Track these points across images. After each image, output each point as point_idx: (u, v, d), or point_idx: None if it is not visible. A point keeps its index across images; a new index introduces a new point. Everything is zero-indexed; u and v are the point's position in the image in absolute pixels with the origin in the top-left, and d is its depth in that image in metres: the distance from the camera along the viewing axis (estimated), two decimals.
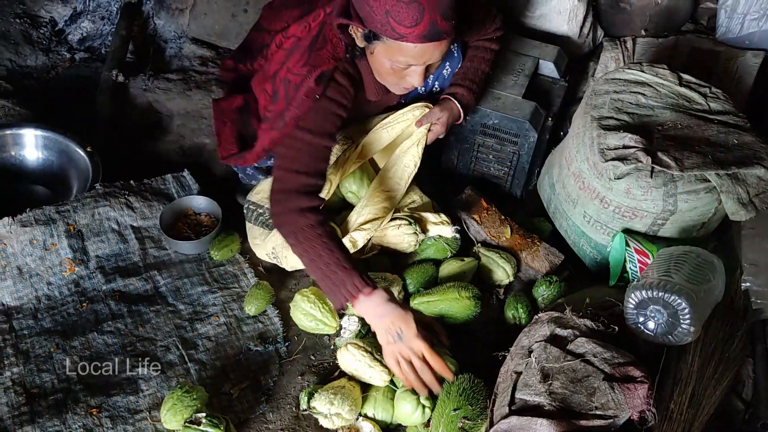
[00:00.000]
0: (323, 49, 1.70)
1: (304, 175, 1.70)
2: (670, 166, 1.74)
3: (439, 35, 1.55)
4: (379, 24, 1.55)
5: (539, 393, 1.43)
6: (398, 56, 1.61)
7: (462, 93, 1.96)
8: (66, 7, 2.93)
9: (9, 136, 2.24)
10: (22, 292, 1.91)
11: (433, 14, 1.50)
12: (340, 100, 1.74)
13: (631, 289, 1.53)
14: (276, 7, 2.00)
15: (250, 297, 1.93)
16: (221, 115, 2.01)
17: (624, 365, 1.43)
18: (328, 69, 1.70)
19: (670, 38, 2.51)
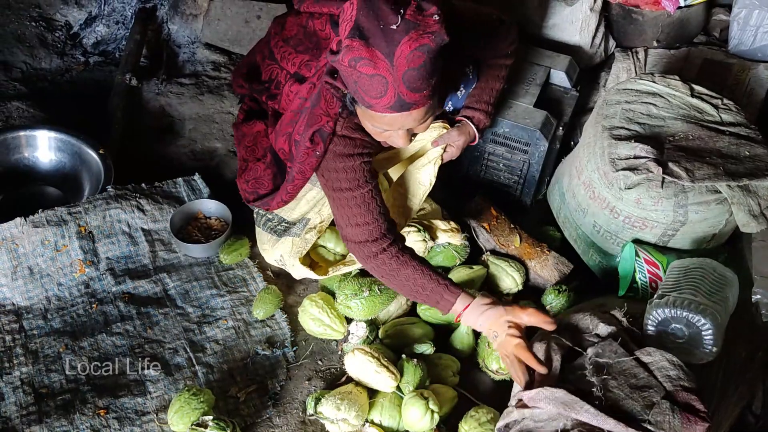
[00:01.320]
0: (317, 106, 1.70)
1: (365, 225, 1.71)
2: (681, 176, 1.74)
3: (408, 106, 1.51)
4: (352, 91, 1.55)
5: (592, 384, 1.41)
6: (372, 122, 1.60)
7: (478, 117, 1.94)
8: (81, 11, 2.96)
9: (23, 138, 2.26)
10: (32, 292, 1.92)
11: (397, 87, 1.46)
12: (350, 151, 1.72)
13: (653, 306, 1.52)
14: (288, 41, 1.92)
15: (258, 301, 1.93)
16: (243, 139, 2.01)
17: (688, 391, 1.39)
18: (320, 126, 1.69)
19: (683, 49, 2.50)
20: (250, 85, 2.03)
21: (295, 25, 1.92)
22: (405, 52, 1.43)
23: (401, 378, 1.73)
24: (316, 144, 1.70)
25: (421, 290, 1.69)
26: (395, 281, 1.71)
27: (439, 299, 1.68)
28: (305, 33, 1.87)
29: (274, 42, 1.96)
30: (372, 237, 1.71)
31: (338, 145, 1.71)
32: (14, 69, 2.70)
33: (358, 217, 1.72)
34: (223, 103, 2.66)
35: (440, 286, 1.68)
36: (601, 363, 1.46)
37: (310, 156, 1.72)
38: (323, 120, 1.70)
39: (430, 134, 1.95)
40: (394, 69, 1.44)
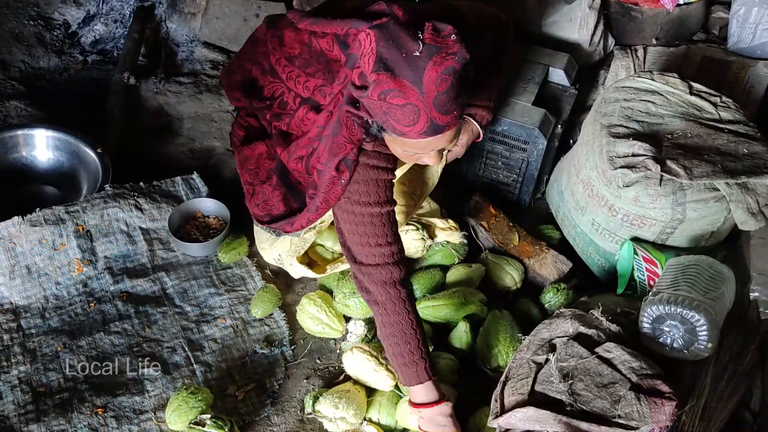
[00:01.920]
0: (339, 134, 1.67)
1: (386, 245, 1.67)
2: (679, 174, 1.73)
3: (441, 129, 1.50)
4: (381, 121, 1.52)
5: (560, 391, 1.43)
6: (404, 147, 1.57)
7: (481, 114, 1.93)
8: (79, 10, 2.96)
9: (20, 137, 2.26)
10: (30, 291, 1.92)
11: (429, 113, 1.45)
12: (381, 164, 1.70)
13: (648, 303, 1.52)
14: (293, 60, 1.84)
15: (256, 300, 1.93)
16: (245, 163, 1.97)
17: (652, 377, 1.42)
18: (345, 155, 1.66)
19: (681, 47, 2.50)
20: (249, 101, 1.96)
21: (296, 42, 1.84)
22: (432, 77, 1.41)
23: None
24: (342, 172, 1.67)
25: (402, 344, 1.63)
26: (386, 317, 1.65)
27: (412, 368, 1.62)
28: (311, 53, 1.81)
29: (275, 59, 1.88)
30: (393, 260, 1.66)
31: (371, 158, 1.68)
32: (12, 68, 2.70)
33: (381, 237, 1.67)
34: (222, 101, 2.65)
35: (422, 358, 1.63)
36: (566, 368, 1.47)
37: (336, 185, 1.68)
38: (348, 148, 1.66)
39: None
40: (424, 96, 1.43)
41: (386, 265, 1.65)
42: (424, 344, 1.65)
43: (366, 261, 1.66)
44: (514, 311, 1.93)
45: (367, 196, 1.69)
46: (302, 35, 1.82)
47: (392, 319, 1.64)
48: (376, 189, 1.69)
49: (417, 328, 1.65)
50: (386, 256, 1.66)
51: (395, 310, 1.64)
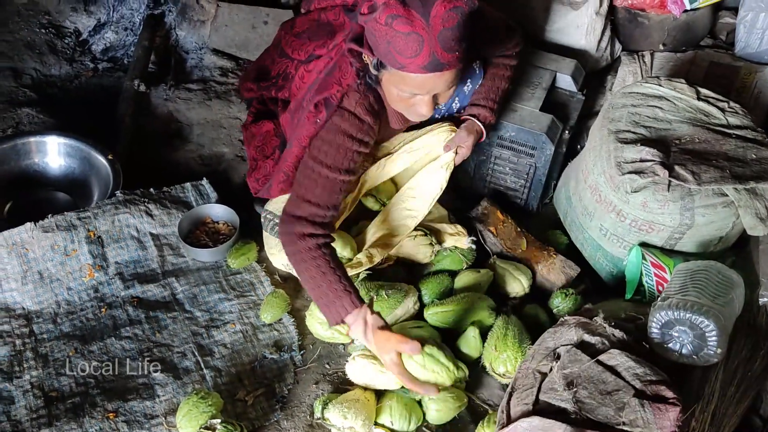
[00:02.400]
0: (331, 75, 1.72)
1: (315, 206, 1.71)
2: (687, 179, 1.74)
3: (441, 66, 1.54)
4: (383, 53, 1.56)
5: (565, 399, 1.43)
6: (402, 85, 1.61)
7: (484, 114, 1.96)
8: (90, 18, 2.99)
9: (33, 144, 2.29)
10: (42, 296, 1.94)
11: (433, 46, 1.50)
12: (355, 134, 1.73)
13: (657, 309, 1.52)
14: (301, 35, 1.97)
15: (266, 305, 1.94)
16: (252, 140, 2.03)
17: (656, 383, 1.42)
18: (329, 95, 1.70)
19: (689, 53, 2.50)
20: (258, 85, 2.06)
21: (306, 21, 1.96)
22: (440, 12, 1.47)
23: None
24: (319, 111, 1.71)
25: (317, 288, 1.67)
26: (304, 267, 1.69)
27: (340, 300, 1.65)
28: (318, 25, 1.91)
29: (285, 41, 2.00)
30: (314, 219, 1.70)
31: (345, 121, 1.72)
32: (24, 75, 2.73)
33: (316, 197, 1.71)
34: (231, 108, 2.68)
35: (346, 292, 1.65)
36: (570, 376, 1.48)
37: (310, 122, 1.72)
38: (333, 88, 1.71)
39: (437, 138, 1.95)
40: (429, 28, 1.48)
41: (306, 221, 1.70)
42: (343, 282, 1.67)
43: (291, 211, 1.72)
44: (523, 316, 1.93)
45: (325, 157, 1.72)
46: (312, 15, 1.95)
47: (305, 266, 1.68)
48: (336, 154, 1.73)
49: (329, 271, 1.67)
50: (310, 214, 1.71)
51: (304, 258, 1.68)
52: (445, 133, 1.95)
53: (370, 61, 1.63)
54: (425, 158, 1.99)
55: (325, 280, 1.66)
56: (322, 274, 1.66)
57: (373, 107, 1.75)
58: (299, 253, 1.69)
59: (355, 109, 1.72)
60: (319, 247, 1.69)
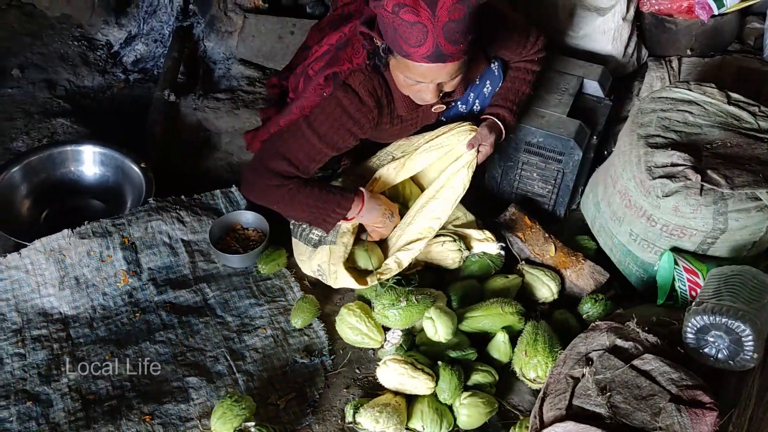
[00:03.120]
0: (343, 50, 1.75)
1: (292, 166, 1.79)
2: (720, 184, 1.73)
3: (444, 58, 1.56)
4: (390, 39, 1.59)
5: (599, 404, 1.43)
6: (407, 72, 1.64)
7: (504, 114, 1.97)
8: (121, 31, 3.06)
9: (69, 152, 2.34)
10: (78, 302, 1.98)
11: (437, 37, 1.52)
12: (353, 112, 1.77)
13: (692, 313, 1.51)
14: (322, 27, 2.07)
15: (296, 310, 1.96)
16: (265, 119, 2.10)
17: (692, 388, 1.40)
18: (339, 69, 1.74)
19: (717, 58, 2.49)
20: (279, 78, 2.13)
21: (331, 17, 2.07)
22: (447, 4, 1.50)
23: (437, 383, 1.74)
24: (327, 86, 1.75)
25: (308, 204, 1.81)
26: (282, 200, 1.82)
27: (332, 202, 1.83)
28: (340, 17, 1.99)
29: (310, 36, 2.10)
30: (286, 175, 1.80)
31: (347, 97, 1.76)
32: (58, 87, 2.80)
33: (295, 159, 1.80)
34: (258, 117, 2.71)
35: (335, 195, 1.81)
36: (603, 381, 1.47)
37: (316, 93, 1.77)
38: (344, 65, 1.75)
39: (457, 137, 1.96)
40: (435, 19, 1.50)
41: (278, 175, 1.79)
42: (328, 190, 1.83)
43: (265, 161, 1.81)
44: (552, 322, 1.93)
45: (320, 126, 1.78)
46: (336, 11, 2.02)
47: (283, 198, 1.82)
48: (330, 126, 1.78)
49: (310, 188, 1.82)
50: (283, 170, 1.80)
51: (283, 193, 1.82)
52: (465, 132, 1.97)
53: (380, 44, 1.67)
54: (446, 157, 2.01)
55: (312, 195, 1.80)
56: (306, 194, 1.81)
57: (376, 91, 1.79)
58: (273, 194, 1.81)
59: (358, 88, 1.76)
60: (295, 184, 1.80)
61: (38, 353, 1.85)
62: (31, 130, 2.55)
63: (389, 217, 1.95)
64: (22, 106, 2.66)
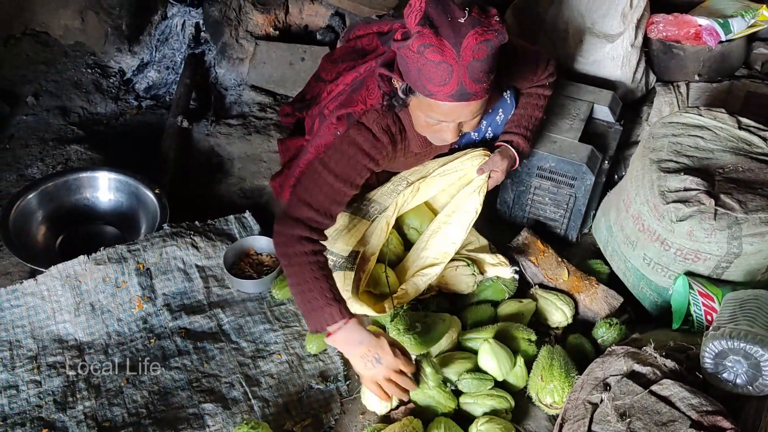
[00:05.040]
0: (357, 92, 1.77)
1: (314, 211, 1.74)
2: (734, 208, 1.74)
3: (468, 96, 1.59)
4: (413, 79, 1.61)
5: (619, 430, 1.42)
6: (429, 112, 1.65)
7: (518, 141, 1.99)
8: (134, 58, 3.11)
9: (85, 179, 2.36)
10: (93, 328, 1.98)
11: (462, 76, 1.54)
12: (368, 149, 1.77)
13: (709, 338, 1.51)
14: (335, 59, 2.09)
15: (311, 336, 1.96)
16: (286, 152, 2.12)
17: (712, 414, 1.40)
18: (352, 111, 1.76)
19: (725, 83, 2.52)
20: (293, 107, 2.14)
21: (343, 49, 2.08)
22: (471, 44, 1.52)
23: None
24: (341, 124, 1.77)
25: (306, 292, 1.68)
26: (295, 270, 1.71)
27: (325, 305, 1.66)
28: (353, 51, 2.02)
29: (322, 67, 2.11)
30: (310, 224, 1.73)
31: (361, 135, 1.76)
32: (72, 113, 2.83)
33: (317, 203, 1.74)
34: (270, 142, 2.74)
35: (333, 302, 1.67)
36: (622, 407, 1.46)
37: (330, 132, 1.78)
38: (358, 106, 1.76)
39: (471, 162, 1.98)
40: (459, 58, 1.53)
41: (303, 224, 1.72)
42: (332, 292, 1.68)
43: (290, 212, 1.74)
44: (566, 346, 1.93)
45: (335, 165, 1.76)
46: (349, 44, 2.03)
47: (296, 270, 1.70)
48: (346, 164, 1.77)
49: (322, 278, 1.69)
50: (308, 218, 1.73)
51: (298, 261, 1.70)
52: (478, 158, 1.98)
53: (399, 85, 1.69)
54: (458, 182, 2.02)
55: (316, 286, 1.68)
56: (314, 279, 1.69)
57: (390, 129, 1.80)
58: (294, 256, 1.71)
59: (372, 126, 1.77)
60: (314, 254, 1.72)
61: (54, 380, 1.85)
62: (45, 157, 2.57)
63: (372, 361, 1.65)
64: (36, 133, 2.69)
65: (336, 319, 1.66)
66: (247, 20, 3.05)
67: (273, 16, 3.09)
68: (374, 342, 1.66)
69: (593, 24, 2.53)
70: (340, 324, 1.66)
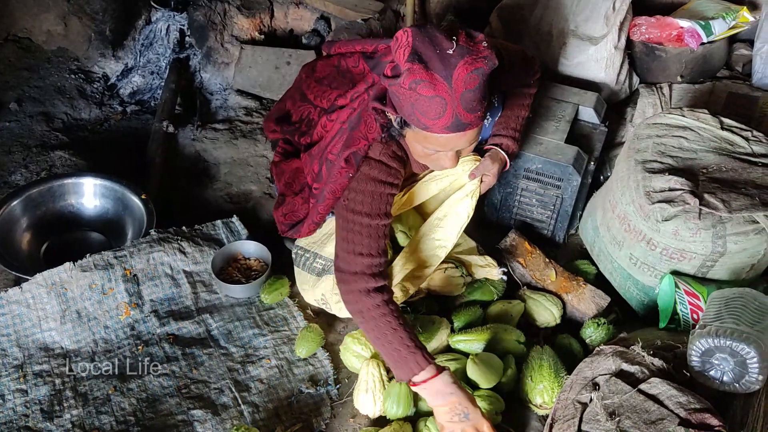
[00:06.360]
0: (356, 129, 1.76)
1: (368, 256, 1.72)
2: (718, 207, 1.76)
3: (464, 127, 1.58)
4: (407, 114, 1.60)
5: (608, 429, 1.43)
6: (425, 143, 1.65)
7: (507, 143, 2.00)
8: (118, 63, 3.08)
9: (69, 185, 2.34)
10: (80, 335, 1.96)
11: (455, 108, 1.54)
12: (384, 178, 1.77)
13: (696, 337, 1.53)
14: (321, 81, 2.02)
15: (300, 340, 1.96)
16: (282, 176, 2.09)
17: (700, 411, 1.42)
18: (357, 149, 1.75)
19: (707, 84, 2.55)
20: (281, 128, 2.11)
21: (326, 66, 2.02)
22: (462, 75, 1.51)
23: None
24: (351, 166, 1.75)
25: (387, 344, 1.68)
26: (372, 325, 1.70)
27: (409, 355, 1.66)
28: (338, 72, 1.97)
29: (306, 85, 2.05)
30: (371, 271, 1.71)
31: (373, 168, 1.76)
32: (56, 119, 2.81)
33: (366, 248, 1.73)
34: (257, 147, 2.73)
35: (416, 350, 1.66)
36: (611, 406, 1.48)
37: (342, 176, 1.76)
38: (361, 143, 1.75)
39: (462, 168, 1.99)
40: (452, 90, 1.52)
41: (364, 274, 1.71)
42: (412, 339, 1.68)
43: (346, 268, 1.73)
44: (555, 347, 1.94)
45: (362, 206, 1.75)
46: (332, 60, 2.00)
47: (373, 325, 1.69)
48: (372, 201, 1.76)
49: (399, 327, 1.68)
50: (366, 266, 1.72)
51: (372, 315, 1.69)
52: (469, 163, 1.99)
53: (394, 118, 1.68)
54: (450, 187, 2.03)
55: (396, 337, 1.67)
56: (392, 330, 1.67)
57: (397, 153, 1.80)
58: (367, 311, 1.70)
59: (380, 158, 1.77)
60: (386, 304, 1.70)
61: (40, 389, 1.83)
62: (29, 164, 2.55)
63: (459, 414, 1.64)
64: (20, 139, 2.66)
65: (422, 366, 1.65)
66: (232, 24, 3.05)
67: (258, 20, 3.08)
68: (465, 396, 1.65)
69: (577, 26, 2.55)
70: (430, 372, 1.66)
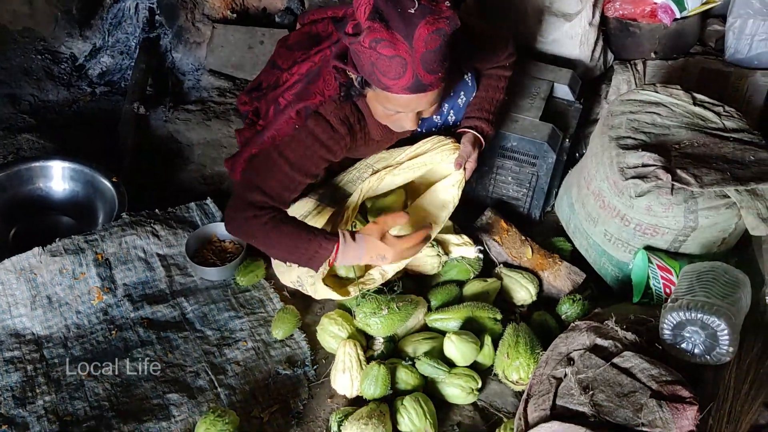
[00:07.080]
0: (314, 83, 1.75)
1: (267, 196, 1.75)
2: (689, 182, 1.77)
3: (424, 87, 1.58)
4: (368, 73, 1.59)
5: (582, 403, 1.45)
6: (386, 104, 1.65)
7: (481, 126, 1.99)
8: (85, 43, 3.01)
9: (37, 169, 2.29)
10: (51, 321, 1.93)
11: (416, 68, 1.53)
12: (325, 140, 1.76)
13: (668, 310, 1.55)
14: (290, 45, 2.04)
15: (276, 321, 1.95)
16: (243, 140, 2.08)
17: (672, 383, 1.44)
18: (312, 104, 1.74)
19: (680, 60, 2.56)
20: (250, 96, 2.10)
21: (298, 34, 2.03)
22: (423, 34, 1.50)
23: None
24: (299, 118, 1.75)
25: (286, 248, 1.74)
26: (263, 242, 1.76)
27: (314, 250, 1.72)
28: (309, 37, 1.97)
29: (278, 54, 2.06)
30: (260, 206, 1.75)
31: (319, 126, 1.75)
32: (22, 102, 2.74)
33: (269, 189, 1.76)
34: (230, 127, 2.69)
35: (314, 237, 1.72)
36: (585, 380, 1.50)
37: (289, 126, 1.77)
38: (316, 98, 1.75)
39: (441, 155, 1.97)
40: (412, 51, 1.51)
41: (253, 207, 1.74)
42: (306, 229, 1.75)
43: (247, 198, 1.75)
44: (531, 323, 1.95)
45: (291, 153, 1.76)
46: (304, 29, 1.99)
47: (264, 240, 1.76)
48: (303, 154, 1.77)
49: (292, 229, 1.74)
50: (260, 202, 1.75)
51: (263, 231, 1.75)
52: (448, 150, 1.97)
53: (355, 77, 1.67)
54: (429, 175, 2.01)
55: (293, 239, 1.72)
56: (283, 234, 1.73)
57: (348, 119, 1.79)
58: (256, 229, 1.74)
59: (329, 117, 1.76)
60: (272, 219, 1.74)
61: (12, 375, 1.80)
62: None
63: (379, 258, 1.78)
64: None
65: (329, 248, 1.71)
66: (203, 3, 2.98)
67: None
68: (369, 247, 1.75)
69: (551, 3, 2.54)
70: (334, 250, 1.71)
